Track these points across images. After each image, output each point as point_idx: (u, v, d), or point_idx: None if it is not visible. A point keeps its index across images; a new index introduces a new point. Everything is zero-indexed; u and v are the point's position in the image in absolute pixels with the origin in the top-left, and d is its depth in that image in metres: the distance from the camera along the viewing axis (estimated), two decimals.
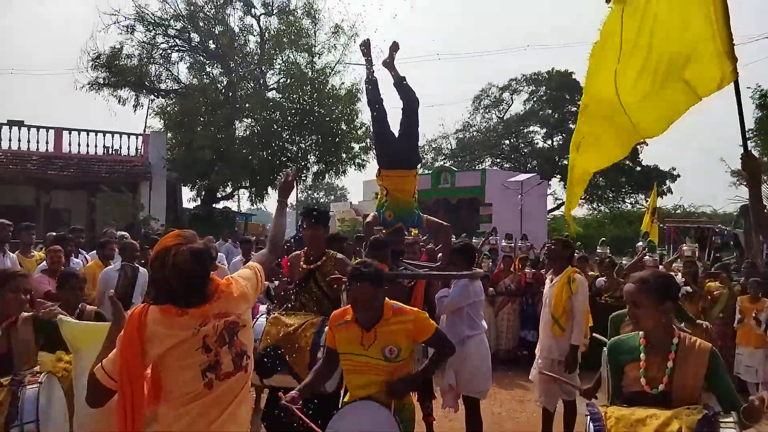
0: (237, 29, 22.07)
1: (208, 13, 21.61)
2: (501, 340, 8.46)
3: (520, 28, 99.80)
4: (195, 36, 21.87)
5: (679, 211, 29.32)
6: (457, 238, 9.79)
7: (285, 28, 21.00)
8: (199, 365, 2.09)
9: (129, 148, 18.67)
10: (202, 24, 21.50)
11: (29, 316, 3.33)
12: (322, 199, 58.30)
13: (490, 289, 8.29)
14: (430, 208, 17.03)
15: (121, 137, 18.61)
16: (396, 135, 5.21)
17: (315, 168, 21.22)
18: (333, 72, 21.01)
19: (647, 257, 8.78)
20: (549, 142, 34.83)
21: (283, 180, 3.07)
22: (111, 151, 18.39)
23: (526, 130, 36.04)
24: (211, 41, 21.66)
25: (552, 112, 33.94)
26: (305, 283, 4.15)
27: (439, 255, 6.13)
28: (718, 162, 28.27)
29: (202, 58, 21.93)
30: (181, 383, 2.09)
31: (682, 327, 2.92)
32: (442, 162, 35.56)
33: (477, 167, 32.56)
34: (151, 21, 21.16)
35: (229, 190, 22.09)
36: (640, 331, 2.59)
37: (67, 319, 3.40)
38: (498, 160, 36.13)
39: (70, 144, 17.80)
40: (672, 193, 31.74)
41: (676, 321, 2.69)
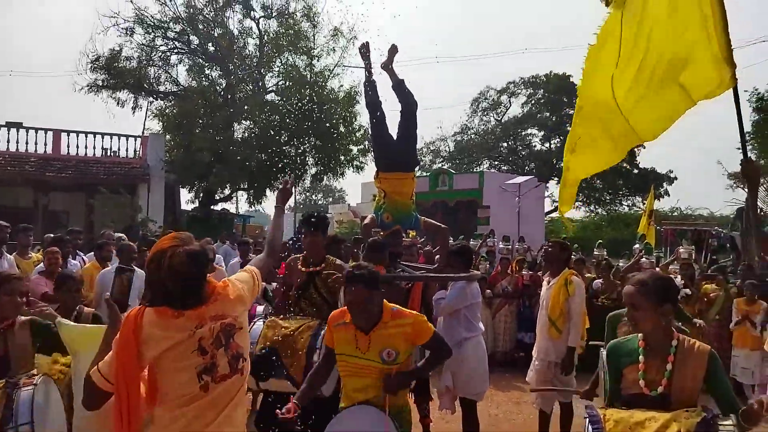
0: (236, 32, 22.13)
1: (207, 15, 21.64)
2: (498, 342, 8.48)
3: (519, 30, 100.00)
4: (194, 38, 21.89)
5: (676, 213, 29.39)
6: (454, 240, 9.82)
7: (284, 30, 21.04)
8: (194, 367, 2.09)
9: (127, 150, 18.67)
10: (201, 27, 21.53)
11: (27, 320, 3.32)
12: (320, 201, 58.33)
13: (488, 291, 8.31)
14: (428, 211, 17.05)
15: (119, 139, 18.61)
16: (394, 137, 5.23)
17: (313, 170, 21.29)
18: (332, 75, 21.09)
19: (644, 259, 8.82)
20: (547, 144, 34.91)
21: (281, 187, 3.10)
22: (109, 153, 18.39)
23: (523, 133, 36.15)
24: (210, 44, 21.68)
25: (550, 115, 34.04)
26: (304, 289, 4.15)
27: (437, 257, 6.15)
28: (715, 164, 28.32)
29: (201, 60, 21.96)
30: (176, 385, 2.09)
31: (678, 326, 2.93)
32: (440, 164, 35.66)
33: (475, 170, 32.59)
34: (151, 23, 21.18)
35: (227, 192, 22.12)
36: (639, 334, 2.58)
37: (65, 321, 3.41)
38: (496, 163, 36.20)
39: (69, 146, 17.79)
40: (669, 195, 31.88)
41: (673, 320, 2.69)
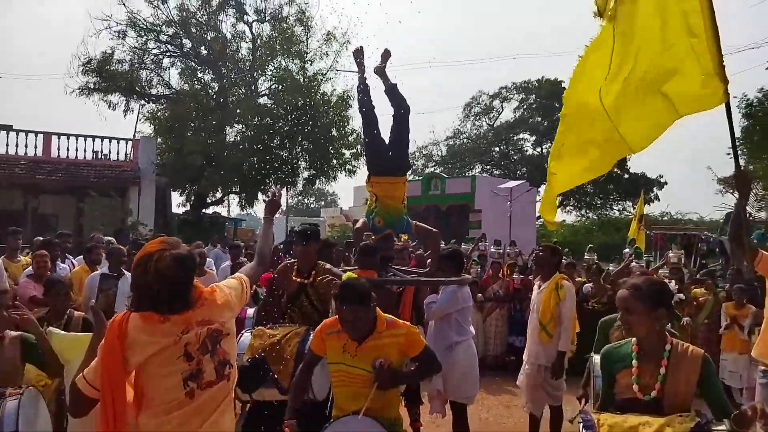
0: (229, 35, 22.11)
1: (200, 19, 21.60)
2: (489, 345, 8.49)
3: (513, 34, 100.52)
4: (187, 42, 21.84)
5: (665, 218, 29.59)
6: (446, 244, 9.84)
7: (277, 34, 21.05)
8: (180, 373, 2.07)
9: (119, 153, 18.57)
10: (194, 30, 21.48)
11: (17, 335, 3.28)
12: (312, 205, 58.29)
13: (479, 294, 8.32)
14: (420, 215, 17.08)
15: (110, 142, 18.51)
16: (386, 142, 5.24)
17: (306, 173, 21.25)
18: (324, 79, 21.09)
19: (634, 264, 8.86)
20: (538, 149, 35.09)
21: (269, 199, 3.11)
22: (100, 156, 18.29)
23: (515, 138, 36.36)
24: (202, 47, 21.64)
25: (542, 119, 34.24)
26: (295, 299, 4.13)
27: (428, 261, 6.16)
28: (704, 170, 28.63)
29: (193, 63, 21.91)
30: (162, 391, 2.07)
31: (668, 328, 2.94)
32: (432, 168, 35.75)
33: (467, 174, 32.70)
34: (143, 27, 21.12)
35: (219, 195, 22.04)
36: (633, 338, 2.58)
37: (56, 331, 3.40)
38: (488, 167, 36.36)
39: (59, 148, 17.68)
40: (659, 200, 32.17)
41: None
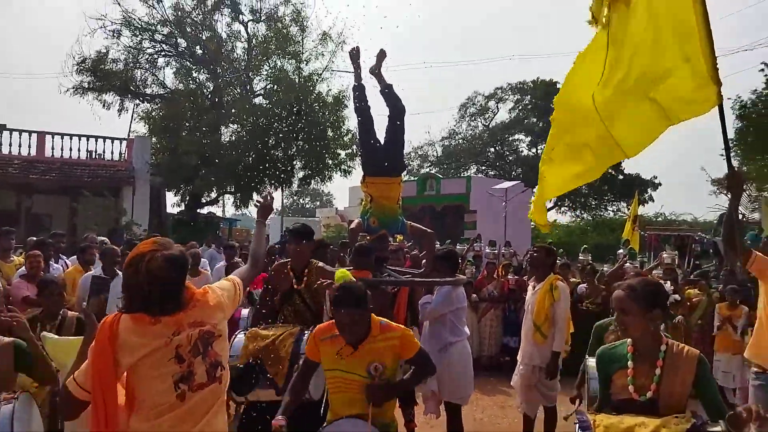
0: (224, 35, 22.04)
1: (195, 18, 21.54)
2: (484, 346, 8.51)
3: (508, 36, 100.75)
4: (182, 41, 21.78)
5: (660, 219, 29.69)
6: (441, 244, 9.85)
7: (272, 34, 21.01)
8: (171, 376, 2.06)
9: (113, 153, 18.49)
10: (189, 29, 21.41)
11: (10, 341, 3.25)
12: (307, 205, 58.24)
13: (474, 295, 8.34)
14: (415, 215, 17.09)
15: (104, 141, 18.42)
16: (382, 142, 5.24)
17: (301, 174, 21.21)
18: (320, 79, 21.07)
19: (628, 264, 8.90)
20: (534, 150, 35.13)
21: (261, 203, 3.12)
22: (94, 156, 18.22)
23: (511, 139, 36.41)
24: (198, 47, 21.58)
25: (537, 120, 34.28)
26: (288, 297, 4.13)
27: (424, 261, 6.16)
28: (698, 171, 28.81)
29: (188, 63, 21.85)
30: (153, 394, 2.05)
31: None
32: (427, 169, 35.75)
33: (462, 174, 32.75)
34: (138, 26, 21.04)
35: (213, 195, 21.99)
36: (628, 339, 2.58)
37: (49, 335, 3.38)
38: (483, 168, 36.40)
39: (53, 148, 17.59)
40: (653, 201, 32.24)
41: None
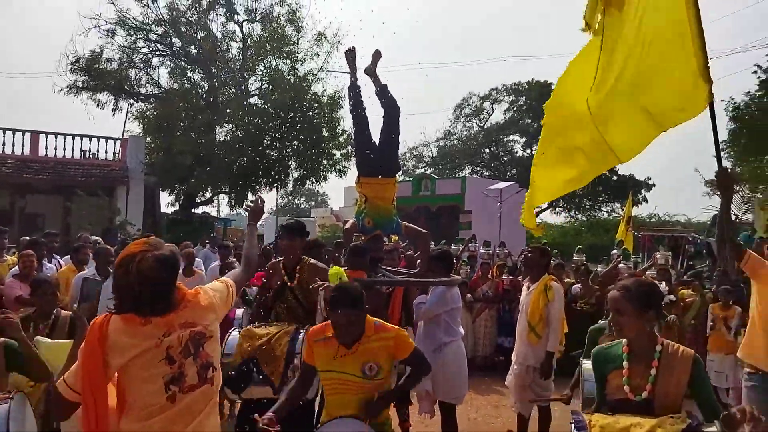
0: (219, 35, 22.00)
1: (190, 18, 21.48)
2: (478, 346, 8.52)
3: (504, 37, 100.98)
4: (176, 41, 21.72)
5: (653, 220, 29.83)
6: (436, 245, 9.86)
7: (267, 35, 20.98)
8: (161, 377, 2.04)
9: (107, 152, 18.46)
10: (183, 29, 21.36)
11: (0, 342, 3.25)
12: (302, 205, 58.16)
13: (468, 295, 8.35)
14: (410, 215, 17.11)
15: (99, 141, 18.39)
16: (376, 142, 5.25)
17: (296, 174, 21.18)
18: (315, 79, 21.06)
19: (622, 265, 8.93)
20: (528, 151, 35.21)
21: (252, 207, 3.13)
22: (88, 155, 18.15)
23: (506, 139, 36.50)
24: (192, 46, 21.52)
25: (531, 121, 34.36)
26: (280, 293, 4.14)
27: (419, 262, 6.17)
28: (692, 172, 29.03)
29: (183, 63, 21.79)
30: (143, 395, 2.04)
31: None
32: (422, 169, 35.81)
33: (457, 175, 32.81)
34: (132, 25, 20.97)
35: (208, 195, 21.94)
36: (623, 339, 2.59)
37: (43, 339, 3.37)
38: (478, 168, 36.48)
39: (47, 147, 17.53)
40: (647, 202, 32.39)
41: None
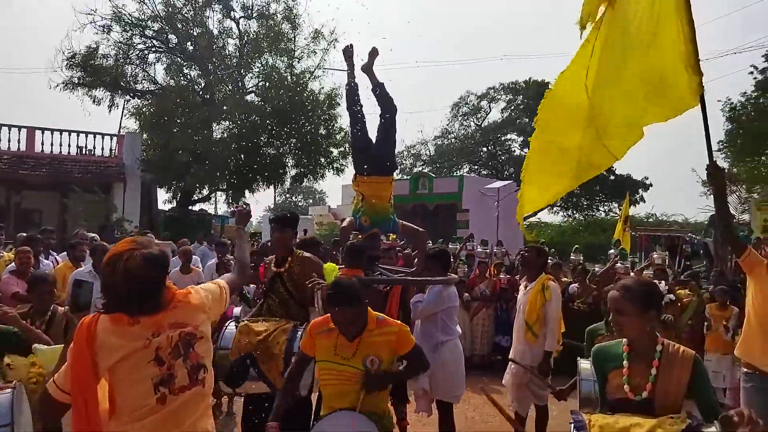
0: (216, 32, 21.89)
1: (186, 14, 21.40)
2: (475, 345, 8.52)
3: (501, 36, 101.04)
4: (173, 37, 21.63)
5: (651, 219, 29.85)
6: (434, 243, 9.86)
7: (264, 32, 20.93)
8: (150, 378, 2.02)
9: (103, 149, 18.43)
10: (180, 26, 21.27)
11: None
12: (300, 203, 58.14)
13: (465, 294, 8.35)
14: (408, 214, 17.09)
15: (95, 137, 18.36)
16: (373, 141, 5.23)
17: (293, 171, 21.15)
18: (312, 77, 21.03)
19: (619, 264, 8.94)
20: (526, 150, 35.21)
21: (238, 212, 3.15)
22: (84, 152, 18.11)
23: (503, 138, 36.52)
24: (189, 43, 21.45)
25: (529, 120, 34.35)
26: (272, 285, 4.13)
27: (416, 260, 6.17)
28: (689, 172, 29.14)
29: (179, 59, 21.72)
30: (132, 397, 2.02)
31: None
32: (420, 168, 35.78)
33: (455, 174, 32.78)
34: (128, 21, 20.86)
35: (205, 192, 21.90)
36: (623, 339, 2.59)
37: (40, 347, 3.38)
38: (475, 167, 36.48)
39: (43, 143, 17.48)
40: (644, 201, 32.41)
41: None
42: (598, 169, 3.88)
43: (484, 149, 36.91)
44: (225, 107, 19.73)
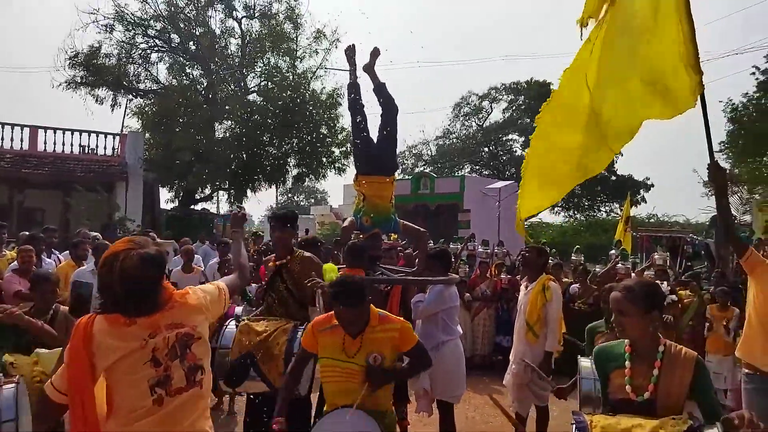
0: (218, 31, 21.92)
1: (188, 14, 21.42)
2: (476, 345, 8.53)
3: (503, 36, 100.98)
4: (175, 37, 21.65)
5: (652, 220, 29.80)
6: (435, 243, 9.86)
7: (266, 31, 20.96)
8: (147, 380, 2.00)
9: (106, 148, 18.44)
10: (182, 25, 21.29)
11: None
12: (302, 202, 58.13)
13: (467, 294, 8.36)
14: (409, 214, 17.10)
15: (97, 137, 18.36)
16: (375, 141, 5.25)
17: (295, 171, 21.17)
18: (314, 76, 21.05)
19: (620, 265, 8.94)
20: (527, 150, 35.20)
21: (233, 216, 3.14)
22: (87, 151, 18.13)
23: (504, 138, 36.50)
24: (191, 43, 21.47)
25: (530, 121, 34.20)
26: (271, 283, 4.14)
27: (417, 260, 6.18)
28: (691, 173, 28.99)
29: (182, 59, 21.74)
30: (129, 398, 2.00)
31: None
32: (422, 168, 35.77)
33: (456, 174, 32.76)
34: (131, 21, 20.89)
35: (207, 191, 21.92)
36: (625, 339, 2.58)
37: (42, 351, 3.39)
38: (477, 167, 36.47)
39: (46, 142, 17.49)
40: (646, 202, 32.35)
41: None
42: (600, 168, 3.89)
43: (486, 149, 36.89)
44: (227, 107, 19.75)
